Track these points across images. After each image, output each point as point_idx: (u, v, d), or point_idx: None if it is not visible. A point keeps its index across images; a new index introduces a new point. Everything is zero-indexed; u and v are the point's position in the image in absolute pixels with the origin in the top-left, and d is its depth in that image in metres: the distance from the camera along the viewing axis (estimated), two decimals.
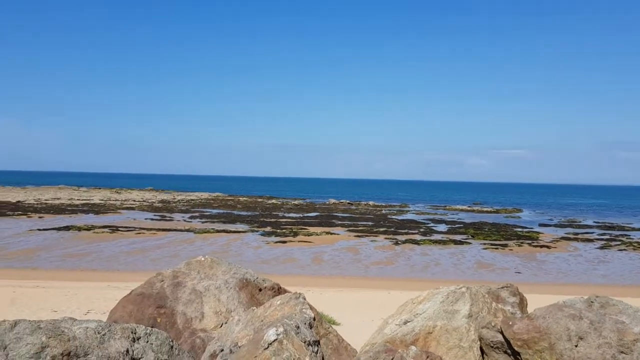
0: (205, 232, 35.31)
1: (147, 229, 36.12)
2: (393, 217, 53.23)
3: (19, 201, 58.96)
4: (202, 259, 5.06)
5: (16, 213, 45.40)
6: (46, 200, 62.58)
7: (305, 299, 3.51)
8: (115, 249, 27.74)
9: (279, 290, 5.03)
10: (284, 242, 31.89)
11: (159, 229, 36.36)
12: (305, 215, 52.67)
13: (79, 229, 35.13)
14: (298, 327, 2.96)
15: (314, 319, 3.21)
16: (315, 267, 24.60)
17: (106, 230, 34.82)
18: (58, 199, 65.53)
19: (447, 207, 71.52)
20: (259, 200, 76.89)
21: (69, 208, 52.29)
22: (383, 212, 60.47)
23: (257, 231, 37.14)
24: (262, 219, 45.91)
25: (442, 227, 43.54)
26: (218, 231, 36.24)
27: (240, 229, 37.95)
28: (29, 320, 2.90)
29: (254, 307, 3.76)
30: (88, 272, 21.84)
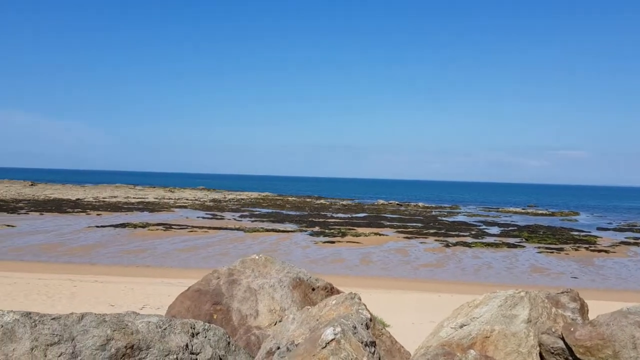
0: (254, 231, 35.78)
1: (199, 227, 36.92)
2: (443, 218, 52.41)
3: (78, 199, 61.51)
4: (257, 257, 5.12)
5: (76, 210, 47.37)
6: (104, 198, 65.02)
7: (360, 299, 3.49)
8: (169, 246, 28.47)
9: (331, 290, 5.03)
10: (332, 242, 31.93)
11: (210, 228, 37.11)
12: (354, 215, 52.58)
13: (135, 226, 36.26)
14: (355, 327, 2.94)
15: (370, 320, 3.19)
16: (363, 267, 24.51)
17: (160, 228, 35.82)
18: (115, 197, 67.96)
19: (501, 210, 69.80)
20: (308, 200, 77.31)
21: (125, 206, 54.12)
22: (433, 213, 59.63)
23: (305, 231, 37.34)
24: (310, 219, 46.13)
25: (495, 230, 42.53)
26: (267, 230, 36.66)
27: (289, 229, 38.26)
28: (95, 314, 3.01)
29: (309, 307, 3.78)
30: (143, 268, 22.48)
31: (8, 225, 34.47)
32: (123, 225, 36.29)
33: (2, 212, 43.48)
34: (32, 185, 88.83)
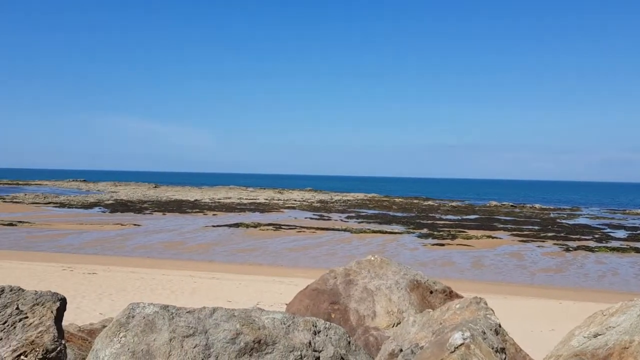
0: (361, 232, 35.87)
1: (307, 228, 37.71)
2: (563, 221, 49.21)
3: (196, 200, 65.40)
4: (372, 258, 5.10)
5: (194, 211, 50.40)
6: (219, 199, 68.57)
7: (486, 304, 3.34)
8: (279, 246, 29.36)
9: (450, 294, 4.88)
10: (442, 244, 31.16)
11: (317, 228, 37.77)
12: (464, 217, 50.96)
13: (247, 226, 37.83)
14: (484, 332, 2.82)
15: (500, 326, 3.04)
16: (475, 271, 23.65)
17: (270, 227, 37.06)
18: (229, 198, 71.44)
19: (627, 212, 64.22)
20: (415, 201, 76.16)
21: (238, 207, 56.68)
22: (551, 215, 56.20)
23: (413, 233, 36.79)
24: (418, 221, 45.40)
25: (621, 233, 39.19)
26: (374, 231, 36.58)
27: (396, 230, 37.91)
28: (225, 308, 3.15)
29: (429, 310, 3.69)
30: (255, 266, 23.35)
31: (135, 225, 37.41)
32: (237, 225, 37.99)
33: (130, 212, 47.34)
34: (155, 187, 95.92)
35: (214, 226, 37.63)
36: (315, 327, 3.18)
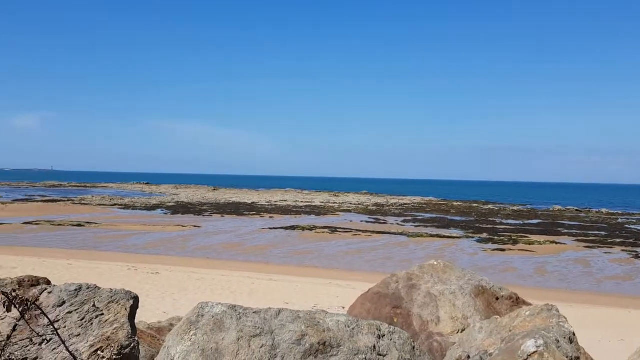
0: (418, 236, 35.39)
1: (363, 231, 37.57)
2: (632, 226, 46.81)
3: (253, 202, 66.50)
4: (435, 263, 5.02)
5: (251, 213, 51.24)
6: (275, 202, 69.43)
7: (558, 311, 3.21)
8: (335, 249, 29.39)
9: (517, 301, 4.73)
10: (502, 250, 30.29)
11: (373, 232, 37.55)
12: (526, 222, 49.36)
13: (303, 228, 38.09)
14: (558, 340, 2.70)
15: (574, 334, 2.92)
16: (538, 278, 22.84)
17: (326, 230, 37.16)
18: (285, 201, 72.21)
19: None
20: (474, 205, 74.43)
21: (294, 209, 57.19)
22: (619, 220, 53.56)
23: (472, 237, 35.96)
24: (477, 225, 44.33)
25: None
26: (431, 236, 36.01)
27: (455, 235, 37.17)
28: (290, 310, 3.18)
29: (497, 316, 3.58)
30: (312, 269, 23.46)
31: (195, 226, 38.43)
32: (293, 228, 38.32)
33: (190, 214, 48.67)
34: (214, 190, 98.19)
35: (270, 228, 38.12)
36: (380, 330, 3.16)
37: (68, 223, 37.35)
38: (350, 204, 70.46)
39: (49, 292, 3.11)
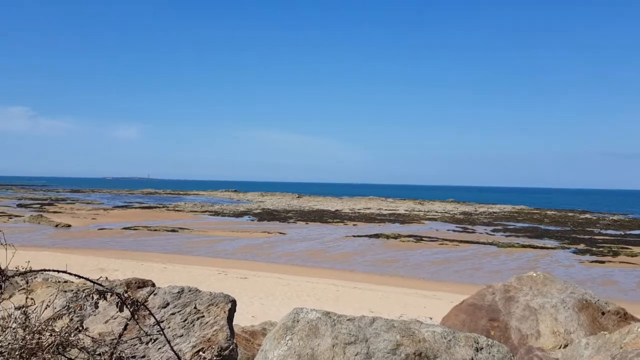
0: (509, 246, 33.98)
1: (450, 240, 36.63)
2: None
3: (337, 210, 66.86)
4: (534, 274, 4.78)
5: (335, 220, 51.53)
6: (359, 209, 69.40)
7: None
8: (420, 258, 28.84)
9: (625, 316, 4.39)
10: (602, 262, 28.37)
11: (460, 241, 36.51)
12: (628, 232, 46.00)
13: (387, 237, 37.74)
14: None
15: None
16: None
17: (411, 239, 36.59)
18: (369, 208, 72.00)
19: None
20: (570, 214, 70.40)
21: (378, 217, 56.86)
22: None
23: (568, 248, 34.00)
24: (573, 235, 41.87)
25: None
26: (523, 246, 34.45)
27: (549, 245, 35.32)
28: (384, 318, 3.14)
29: (605, 332, 3.34)
30: (396, 278, 23.15)
31: (280, 233, 39.19)
32: (377, 236, 38.08)
33: (275, 221, 49.74)
34: (298, 197, 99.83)
35: (354, 236, 38.10)
36: (477, 343, 3.04)
37: (163, 228, 39.38)
38: (436, 212, 69.01)
39: (154, 294, 3.29)
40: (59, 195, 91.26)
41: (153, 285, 3.49)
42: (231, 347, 3.03)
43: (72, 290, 3.37)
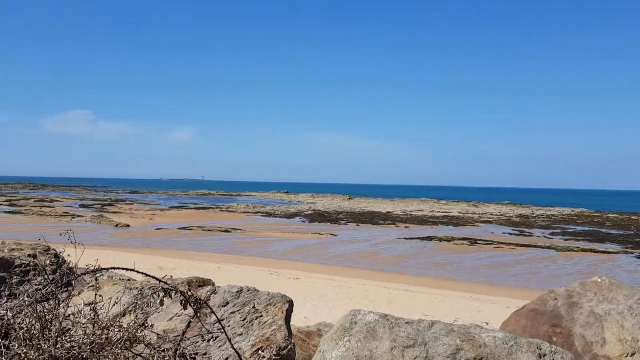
0: (568, 251, 32.78)
1: (505, 244, 35.70)
2: None
3: (388, 212, 66.38)
4: (599, 280, 4.59)
5: (386, 222, 51.17)
6: (411, 211, 68.65)
7: None
8: (475, 262, 28.23)
9: None
10: None
11: (517, 245, 35.51)
12: None
13: (440, 239, 37.14)
14: None
15: None
16: None
17: (465, 242, 35.88)
18: (421, 211, 71.10)
19: None
20: (634, 217, 67.17)
21: (430, 220, 56.07)
22: None
23: (632, 253, 32.48)
24: (637, 240, 39.96)
25: None
26: (584, 250, 33.14)
27: (610, 250, 33.85)
28: (443, 322, 3.10)
29: None
30: (450, 282, 22.75)
31: (332, 235, 39.26)
32: (429, 239, 37.55)
33: (327, 223, 49.87)
34: (349, 199, 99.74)
35: (406, 238, 37.72)
36: (540, 349, 2.95)
37: (217, 229, 40.22)
38: (491, 214, 67.41)
39: (215, 293, 3.37)
40: (118, 197, 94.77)
41: (212, 284, 3.58)
42: (289, 347, 3.07)
43: (136, 288, 3.51)
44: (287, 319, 3.35)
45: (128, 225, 41.66)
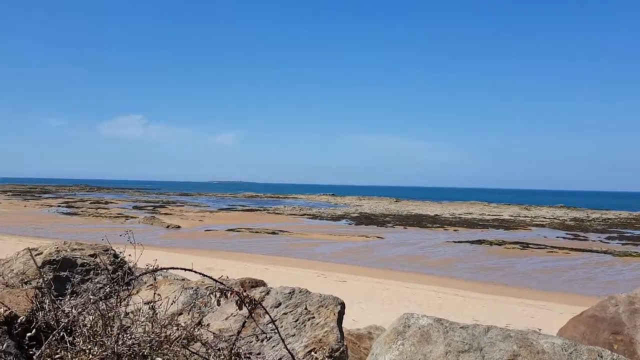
0: (626, 255, 31.47)
1: (559, 248, 34.60)
2: None
3: (436, 215, 65.43)
4: None
5: (434, 225, 50.45)
6: (460, 214, 67.45)
7: None
8: (527, 266, 27.49)
9: None
10: None
11: (571, 249, 34.35)
12: None
13: (490, 243, 36.34)
14: None
15: None
16: None
17: (517, 246, 34.98)
18: (470, 214, 69.76)
19: None
20: None
21: (480, 223, 54.94)
22: None
23: None
24: None
25: None
26: None
27: None
28: (500, 327, 3.03)
29: None
30: (500, 286, 22.23)
31: (378, 237, 39.03)
32: (479, 242, 36.81)
33: (373, 225, 49.62)
34: (396, 201, 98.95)
35: (455, 242, 37.09)
36: (601, 357, 2.84)
37: (264, 231, 40.68)
38: (544, 218, 65.45)
39: (267, 294, 3.41)
40: (169, 198, 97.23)
41: (265, 285, 3.63)
42: (342, 349, 3.07)
43: (192, 288, 3.60)
44: (339, 321, 3.35)
45: (179, 227, 42.69)
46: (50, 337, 2.50)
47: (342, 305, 3.48)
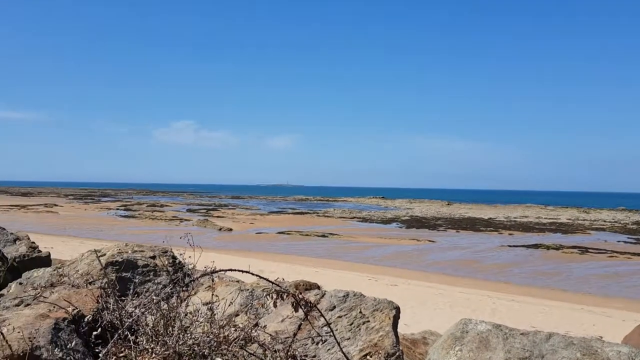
0: None
1: (620, 252, 33.14)
2: None
3: (490, 218, 63.93)
4: None
5: (488, 229, 49.30)
6: (515, 218, 65.67)
7: None
8: (585, 271, 26.47)
9: None
10: None
11: (633, 253, 32.83)
12: None
13: (547, 247, 35.19)
14: None
15: None
16: None
17: (575, 250, 33.73)
18: (526, 217, 67.80)
19: None
20: None
21: (536, 226, 53.32)
22: None
23: None
24: None
25: None
26: None
27: None
28: (562, 335, 2.94)
29: None
30: (558, 292, 21.50)
31: (430, 241, 38.48)
32: (535, 246, 35.71)
33: (424, 228, 48.96)
34: (448, 204, 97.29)
35: (510, 246, 36.12)
36: None
37: (314, 234, 40.86)
38: (604, 221, 62.84)
39: (322, 297, 3.43)
40: (221, 202, 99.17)
41: (318, 287, 3.65)
42: (397, 354, 3.05)
43: (247, 290, 3.67)
44: (394, 325, 3.33)
45: (230, 229, 43.47)
46: (116, 336, 2.60)
47: (397, 309, 3.46)
